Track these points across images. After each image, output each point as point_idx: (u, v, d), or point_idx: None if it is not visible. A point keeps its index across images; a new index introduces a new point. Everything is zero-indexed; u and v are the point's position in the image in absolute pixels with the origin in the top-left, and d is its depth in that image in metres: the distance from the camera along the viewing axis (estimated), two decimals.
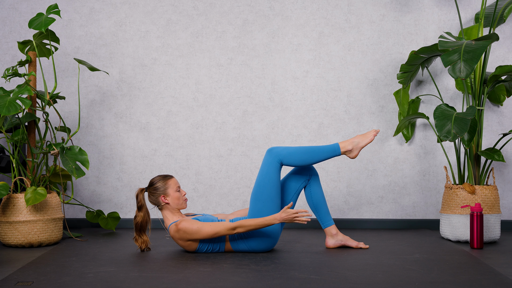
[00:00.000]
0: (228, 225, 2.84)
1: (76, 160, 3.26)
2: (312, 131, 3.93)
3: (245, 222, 2.82)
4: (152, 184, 2.98)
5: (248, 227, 2.82)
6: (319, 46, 3.95)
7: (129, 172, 3.95)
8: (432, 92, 3.93)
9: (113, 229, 3.75)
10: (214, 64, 3.96)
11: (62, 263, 2.68)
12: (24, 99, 3.13)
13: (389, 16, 3.94)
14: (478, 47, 2.97)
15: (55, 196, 3.31)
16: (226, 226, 2.84)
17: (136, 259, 2.80)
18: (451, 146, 3.91)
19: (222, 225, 2.85)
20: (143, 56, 3.96)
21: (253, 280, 2.32)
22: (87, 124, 3.96)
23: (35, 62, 3.45)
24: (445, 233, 3.41)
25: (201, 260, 2.73)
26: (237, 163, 3.94)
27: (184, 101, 3.96)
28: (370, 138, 3.07)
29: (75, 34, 3.96)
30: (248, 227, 2.82)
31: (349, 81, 3.95)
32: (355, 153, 3.07)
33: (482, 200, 3.33)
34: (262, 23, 3.95)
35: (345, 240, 3.12)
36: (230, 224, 2.84)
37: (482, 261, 2.75)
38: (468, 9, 3.91)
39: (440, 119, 3.15)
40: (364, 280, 2.35)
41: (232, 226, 2.83)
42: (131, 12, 3.97)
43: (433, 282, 2.31)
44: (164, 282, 2.31)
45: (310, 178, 3.11)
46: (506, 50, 3.90)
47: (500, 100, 3.84)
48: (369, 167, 3.93)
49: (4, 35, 3.96)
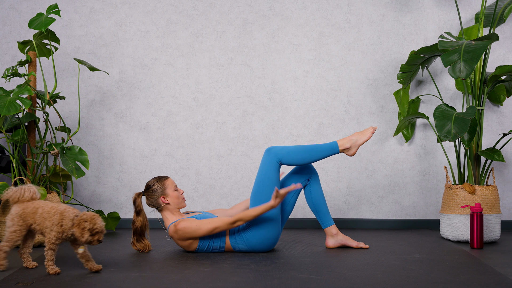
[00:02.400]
0: (227, 219, 2.85)
1: (76, 160, 3.26)
2: (312, 131, 3.93)
3: (243, 215, 2.83)
4: (150, 187, 2.98)
5: (248, 218, 2.83)
6: (319, 46, 3.95)
7: (129, 172, 3.95)
8: (432, 92, 3.93)
9: (113, 229, 3.75)
10: (214, 64, 3.96)
11: (62, 263, 2.68)
12: (24, 99, 3.13)
13: (389, 16, 3.94)
14: (478, 47, 2.97)
15: (55, 196, 3.31)
16: (225, 221, 2.85)
17: (136, 259, 2.80)
18: (451, 146, 3.91)
19: (221, 220, 2.85)
20: (143, 56, 3.96)
21: (253, 280, 2.32)
22: (87, 124, 3.96)
23: (35, 62, 3.45)
24: (445, 233, 3.41)
25: (201, 260, 2.73)
26: (237, 163, 3.94)
27: (184, 101, 3.96)
28: (368, 136, 3.07)
29: (75, 34, 3.96)
30: (247, 218, 2.83)
31: (349, 81, 3.95)
32: (353, 150, 3.07)
33: (482, 200, 3.33)
34: (262, 23, 3.95)
35: (345, 240, 3.12)
36: (228, 218, 2.85)
37: (482, 261, 2.75)
38: (468, 9, 3.91)
39: (440, 119, 3.15)
40: (364, 280, 2.35)
41: (231, 221, 2.83)
42: (131, 12, 3.97)
43: (433, 282, 2.31)
44: (164, 282, 2.31)
45: (310, 178, 3.11)
46: (506, 50, 3.90)
47: (500, 100, 3.84)
48: (369, 167, 3.93)
49: (4, 35, 3.96)
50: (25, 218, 2.52)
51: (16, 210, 2.54)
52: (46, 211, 2.49)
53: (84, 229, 2.40)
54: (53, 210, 2.48)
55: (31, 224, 2.52)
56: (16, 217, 2.52)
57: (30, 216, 2.52)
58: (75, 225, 2.42)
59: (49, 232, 2.46)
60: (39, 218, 2.49)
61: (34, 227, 2.52)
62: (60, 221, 2.45)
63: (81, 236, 2.40)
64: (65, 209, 2.48)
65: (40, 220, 2.49)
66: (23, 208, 2.54)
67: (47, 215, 2.48)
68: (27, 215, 2.52)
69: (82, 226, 2.41)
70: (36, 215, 2.50)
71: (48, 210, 2.50)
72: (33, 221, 2.51)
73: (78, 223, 2.42)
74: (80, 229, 2.40)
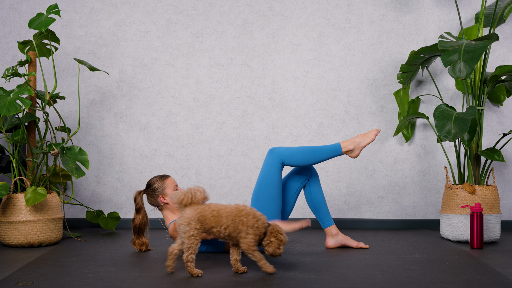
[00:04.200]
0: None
1: (76, 160, 3.26)
2: (312, 131, 3.93)
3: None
4: (150, 186, 2.98)
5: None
6: (319, 46, 3.95)
7: (129, 172, 3.95)
8: (432, 92, 3.93)
9: (113, 229, 3.75)
10: (214, 64, 3.96)
11: (62, 263, 2.68)
12: (24, 99, 3.13)
13: (389, 16, 3.94)
14: (478, 47, 2.97)
15: (55, 196, 3.31)
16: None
17: (136, 259, 2.80)
18: (451, 146, 3.91)
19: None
20: (143, 56, 3.96)
21: (253, 280, 2.32)
22: (87, 124, 3.96)
23: (35, 62, 3.45)
24: (445, 233, 3.41)
25: (201, 260, 2.73)
26: (237, 163, 3.94)
27: (184, 101, 3.96)
28: (371, 138, 3.07)
29: (75, 34, 3.96)
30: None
31: (349, 81, 3.95)
32: (356, 152, 3.07)
33: (482, 200, 3.32)
34: (262, 23, 3.95)
35: (345, 240, 3.12)
36: None
37: (482, 261, 2.75)
38: (468, 9, 3.91)
39: (440, 119, 3.15)
40: (364, 280, 2.35)
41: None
42: (131, 12, 3.97)
43: (433, 282, 2.31)
44: (164, 282, 2.31)
45: (310, 178, 3.11)
46: (506, 50, 3.90)
47: (500, 100, 3.84)
48: (369, 167, 3.93)
49: (4, 35, 3.96)
50: (204, 221, 2.35)
51: (191, 214, 2.35)
52: (235, 214, 2.37)
53: (281, 242, 2.36)
54: (243, 212, 2.37)
55: (211, 227, 2.37)
56: (193, 221, 2.34)
57: (210, 219, 2.36)
58: (272, 235, 2.37)
59: (245, 236, 2.35)
60: (226, 220, 2.36)
61: (217, 230, 2.37)
62: (255, 223, 2.36)
63: (277, 248, 2.36)
64: (254, 211, 2.39)
65: (229, 223, 2.36)
66: (199, 211, 2.36)
67: (238, 218, 2.36)
68: (206, 218, 2.35)
69: (279, 238, 2.36)
70: (220, 218, 2.36)
71: (236, 213, 2.37)
72: (216, 224, 2.36)
73: (276, 234, 2.36)
74: (278, 240, 2.36)
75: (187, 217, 2.34)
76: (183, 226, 2.34)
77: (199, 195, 2.39)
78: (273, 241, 2.37)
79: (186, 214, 2.35)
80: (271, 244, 2.37)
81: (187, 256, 2.34)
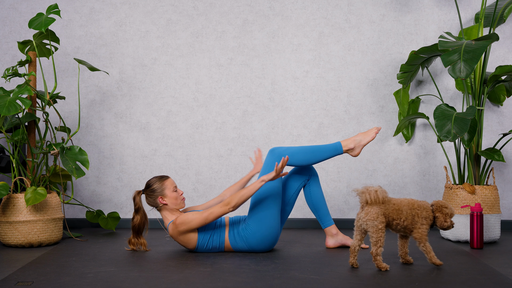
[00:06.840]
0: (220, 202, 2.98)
1: (76, 160, 3.26)
2: (312, 131, 3.93)
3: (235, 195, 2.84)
4: (149, 186, 2.98)
5: (241, 197, 2.83)
6: (319, 46, 3.95)
7: (129, 172, 3.95)
8: (432, 92, 3.93)
9: (113, 229, 3.75)
10: (214, 64, 3.96)
11: (62, 263, 2.69)
12: (24, 99, 3.13)
13: (389, 16, 3.94)
14: (478, 47, 2.97)
15: (55, 196, 3.31)
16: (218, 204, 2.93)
17: (136, 259, 2.80)
18: (451, 146, 3.91)
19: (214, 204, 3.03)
20: (143, 56, 3.96)
21: (253, 280, 2.32)
22: (87, 124, 3.96)
23: (35, 62, 3.45)
24: (445, 233, 3.41)
25: (201, 260, 2.73)
26: (237, 163, 3.94)
27: (184, 101, 3.96)
28: (372, 136, 3.07)
29: (75, 34, 3.96)
30: (241, 197, 2.83)
31: (349, 81, 3.95)
32: (357, 151, 3.07)
33: (482, 200, 3.33)
34: (262, 23, 3.95)
35: (345, 240, 3.12)
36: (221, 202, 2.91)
37: (482, 261, 2.75)
38: (468, 9, 3.91)
39: (440, 119, 3.15)
40: (364, 280, 2.35)
41: (225, 202, 2.85)
42: (131, 12, 3.97)
43: (433, 282, 2.31)
44: (164, 282, 2.31)
45: (310, 178, 3.11)
46: (506, 50, 3.90)
47: (500, 100, 3.84)
48: (369, 167, 3.93)
49: (4, 35, 3.96)
50: (388, 215, 2.56)
51: (377, 210, 2.55)
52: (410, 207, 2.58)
53: (446, 215, 2.59)
54: (415, 205, 2.59)
55: (393, 220, 2.57)
56: (381, 215, 2.54)
57: (393, 212, 2.56)
58: (437, 211, 2.60)
59: (420, 226, 2.57)
60: (406, 214, 2.57)
61: (397, 223, 2.57)
62: (427, 215, 2.59)
63: (444, 221, 2.58)
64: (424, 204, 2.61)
65: (407, 215, 2.57)
66: (383, 206, 2.57)
67: (413, 211, 2.58)
68: (391, 212, 2.56)
69: (444, 212, 2.59)
70: (401, 212, 2.57)
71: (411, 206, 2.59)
72: (397, 217, 2.57)
73: (440, 209, 2.60)
74: (443, 214, 2.59)
75: (374, 212, 2.55)
76: (370, 222, 2.54)
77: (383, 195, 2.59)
78: (438, 216, 2.60)
79: (373, 210, 2.55)
80: (437, 219, 2.60)
81: (376, 250, 2.53)
